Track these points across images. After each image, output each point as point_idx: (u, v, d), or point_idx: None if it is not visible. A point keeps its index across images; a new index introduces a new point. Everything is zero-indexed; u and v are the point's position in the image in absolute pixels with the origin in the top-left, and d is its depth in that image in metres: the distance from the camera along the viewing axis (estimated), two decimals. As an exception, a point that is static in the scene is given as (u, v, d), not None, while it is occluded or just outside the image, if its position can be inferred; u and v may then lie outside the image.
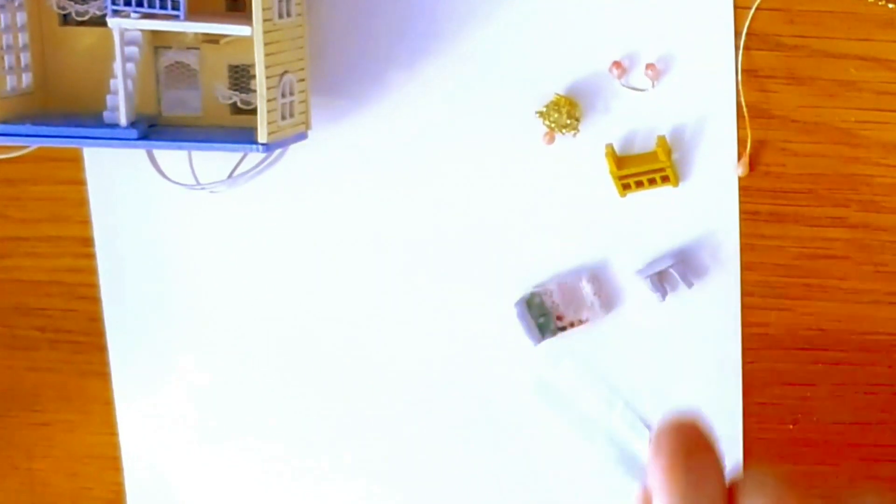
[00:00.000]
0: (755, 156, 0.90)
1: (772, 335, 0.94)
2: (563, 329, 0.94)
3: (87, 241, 1.01)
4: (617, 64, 0.90)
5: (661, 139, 0.90)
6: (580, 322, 0.94)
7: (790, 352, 0.94)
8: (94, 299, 1.03)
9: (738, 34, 0.88)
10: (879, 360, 0.93)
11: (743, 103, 0.89)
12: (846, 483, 0.94)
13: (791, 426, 0.95)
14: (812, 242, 0.92)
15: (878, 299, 0.92)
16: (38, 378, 1.05)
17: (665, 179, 0.91)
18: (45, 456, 1.07)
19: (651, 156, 0.91)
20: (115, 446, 1.06)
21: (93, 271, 1.02)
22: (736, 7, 0.88)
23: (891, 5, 0.86)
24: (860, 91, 0.88)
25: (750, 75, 0.89)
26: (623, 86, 0.90)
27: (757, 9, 0.87)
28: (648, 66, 0.90)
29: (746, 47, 0.88)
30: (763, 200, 0.91)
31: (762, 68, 0.89)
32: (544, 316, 0.94)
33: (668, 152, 0.90)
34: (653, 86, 0.90)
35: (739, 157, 0.90)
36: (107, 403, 1.05)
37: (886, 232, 0.91)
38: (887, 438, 0.95)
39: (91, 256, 1.01)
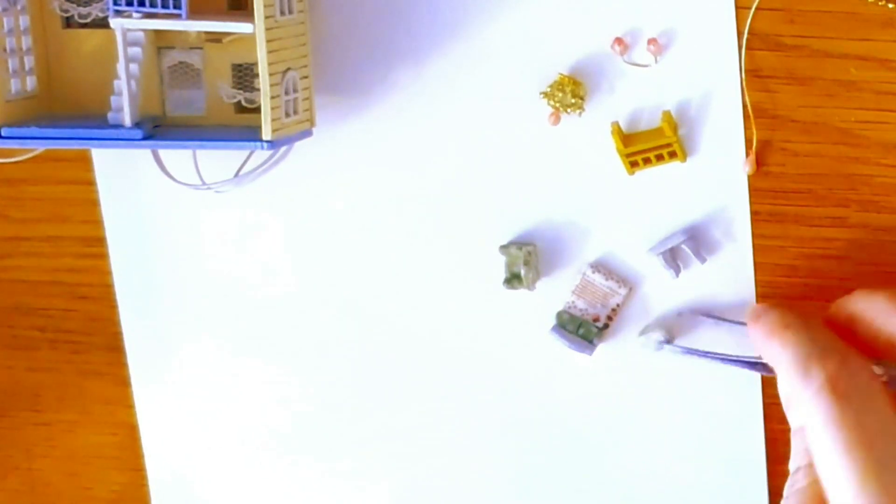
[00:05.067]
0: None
1: (772, 335, 0.94)
2: (606, 326, 0.95)
3: (88, 241, 1.01)
4: (619, 40, 0.90)
5: (667, 114, 0.90)
6: (615, 311, 0.94)
7: (790, 352, 0.94)
8: (95, 299, 1.03)
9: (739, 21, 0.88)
10: (879, 360, 0.94)
11: (748, 103, 0.89)
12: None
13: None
14: (812, 242, 0.92)
15: (877, 299, 0.93)
16: (38, 378, 1.06)
17: (672, 155, 0.91)
18: (45, 456, 1.07)
19: (657, 131, 0.91)
20: (115, 446, 1.06)
21: (93, 271, 1.02)
22: (736, 7, 0.88)
23: (891, 5, 0.86)
24: (860, 91, 0.88)
25: (750, 75, 0.89)
26: (626, 62, 0.90)
27: (757, 9, 0.88)
28: (650, 41, 0.89)
29: (747, 47, 0.89)
30: (763, 200, 0.91)
31: (762, 68, 0.89)
32: (582, 326, 0.95)
33: (675, 127, 0.90)
34: (656, 61, 0.90)
35: (746, 155, 0.90)
36: (107, 403, 1.05)
37: (886, 232, 0.91)
38: (887, 438, 0.95)
39: (91, 256, 1.02)
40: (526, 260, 0.93)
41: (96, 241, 1.01)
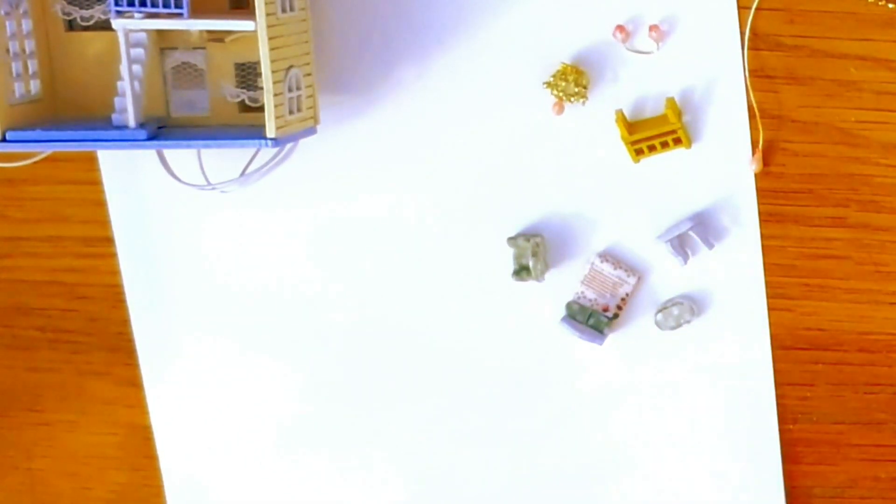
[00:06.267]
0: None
1: (772, 335, 0.94)
2: (616, 316, 0.95)
3: (89, 241, 1.01)
4: (620, 28, 0.90)
5: (671, 101, 0.90)
6: (624, 301, 0.94)
7: (790, 352, 0.94)
8: (95, 299, 1.03)
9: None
10: (879, 360, 0.94)
11: (754, 103, 0.89)
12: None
13: (791, 426, 0.96)
14: (812, 242, 0.92)
15: (878, 299, 0.93)
16: (38, 378, 1.05)
17: (677, 142, 0.91)
18: (45, 456, 1.07)
19: (661, 118, 0.91)
20: (115, 446, 1.06)
21: (94, 271, 1.02)
22: (738, 8, 0.89)
23: (891, 5, 0.87)
24: (860, 91, 0.89)
25: (751, 75, 0.89)
26: (628, 49, 0.90)
27: (757, 9, 0.88)
28: (652, 27, 0.89)
29: (748, 47, 0.89)
30: (763, 200, 0.92)
31: (762, 69, 0.89)
32: (591, 316, 0.95)
33: (679, 114, 0.90)
34: (658, 48, 0.90)
35: (753, 154, 0.90)
36: (107, 403, 1.05)
37: (886, 232, 0.91)
38: (887, 438, 0.95)
39: (92, 256, 1.02)
40: (534, 251, 0.93)
41: (97, 241, 1.01)
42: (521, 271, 0.94)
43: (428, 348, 0.99)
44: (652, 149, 0.91)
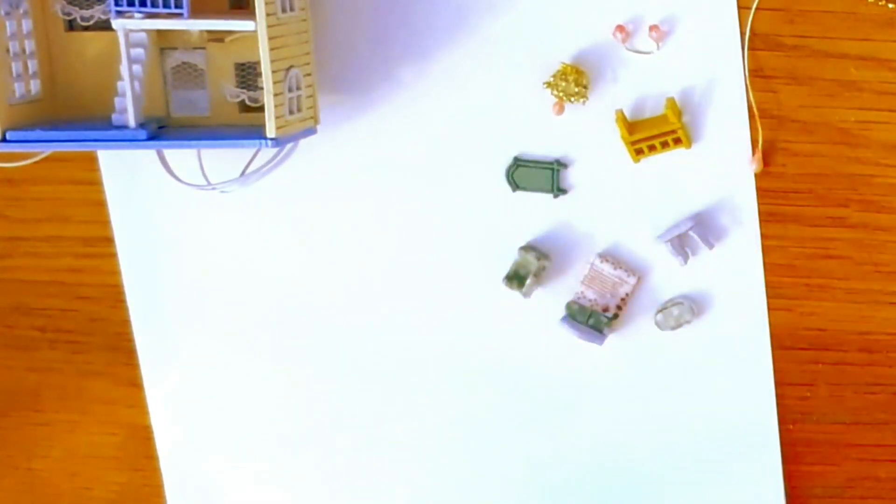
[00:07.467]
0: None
1: (772, 335, 0.94)
2: (616, 317, 0.95)
3: (89, 241, 1.01)
4: (620, 28, 0.90)
5: (671, 101, 0.90)
6: (625, 301, 0.94)
7: (790, 352, 0.94)
8: (95, 299, 1.03)
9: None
10: (879, 360, 0.94)
11: (753, 103, 0.89)
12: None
13: (791, 426, 0.96)
14: (812, 242, 0.92)
15: (878, 299, 0.93)
16: (38, 378, 1.05)
17: (677, 142, 0.91)
18: (45, 456, 1.07)
19: (662, 118, 0.91)
20: (115, 446, 1.06)
21: (94, 271, 1.02)
22: (738, 8, 0.89)
23: (891, 5, 0.87)
24: (860, 91, 0.89)
25: (751, 75, 0.89)
26: (628, 49, 0.90)
27: (757, 9, 0.88)
28: (652, 27, 0.89)
29: (748, 48, 0.89)
30: (763, 200, 0.92)
31: (762, 69, 0.89)
32: (591, 316, 0.95)
33: (679, 114, 0.90)
34: (658, 48, 0.90)
35: (753, 153, 0.90)
36: (107, 403, 1.05)
37: (886, 232, 0.91)
38: (887, 438, 0.95)
39: (92, 256, 1.02)
40: (537, 272, 0.93)
41: (97, 241, 1.01)
42: (514, 280, 0.94)
43: (428, 348, 0.99)
44: (652, 149, 0.91)
